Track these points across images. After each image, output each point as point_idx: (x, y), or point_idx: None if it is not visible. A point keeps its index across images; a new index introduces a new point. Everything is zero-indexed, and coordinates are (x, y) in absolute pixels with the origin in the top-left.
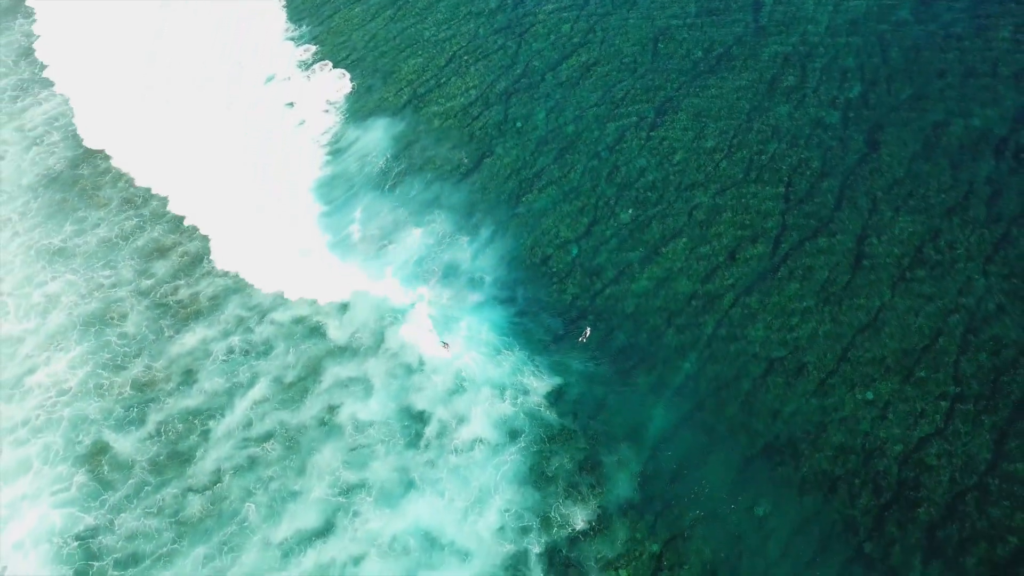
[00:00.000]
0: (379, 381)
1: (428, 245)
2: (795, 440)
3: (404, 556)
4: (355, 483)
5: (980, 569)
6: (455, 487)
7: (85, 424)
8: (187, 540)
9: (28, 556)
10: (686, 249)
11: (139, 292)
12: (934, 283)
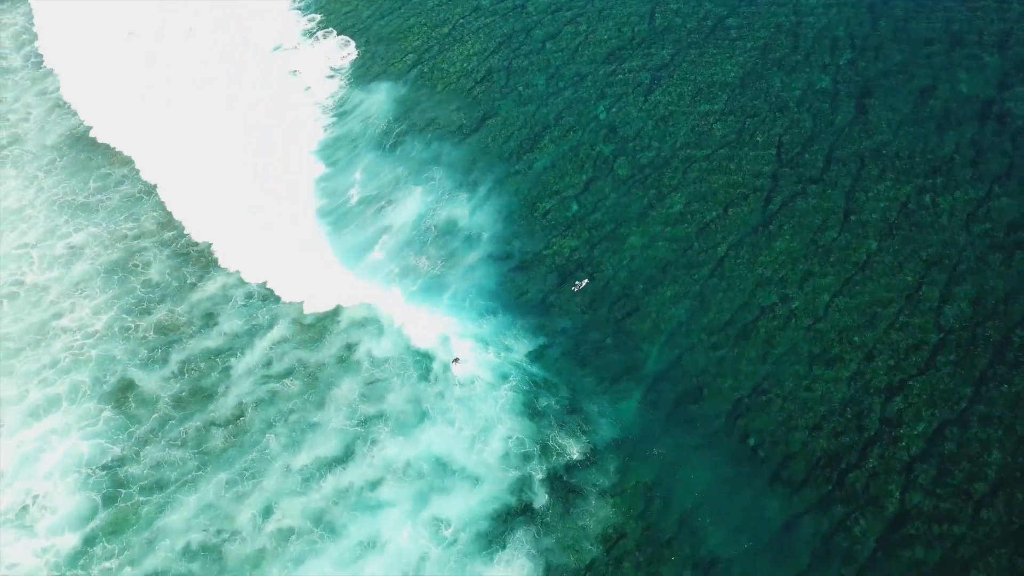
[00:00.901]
0: (390, 325)
1: (427, 202)
2: (783, 380)
3: (419, 480)
4: (372, 414)
5: (958, 500)
6: (463, 417)
7: (111, 364)
8: (210, 468)
9: (58, 485)
10: (681, 204)
11: (161, 243)
12: (919, 237)
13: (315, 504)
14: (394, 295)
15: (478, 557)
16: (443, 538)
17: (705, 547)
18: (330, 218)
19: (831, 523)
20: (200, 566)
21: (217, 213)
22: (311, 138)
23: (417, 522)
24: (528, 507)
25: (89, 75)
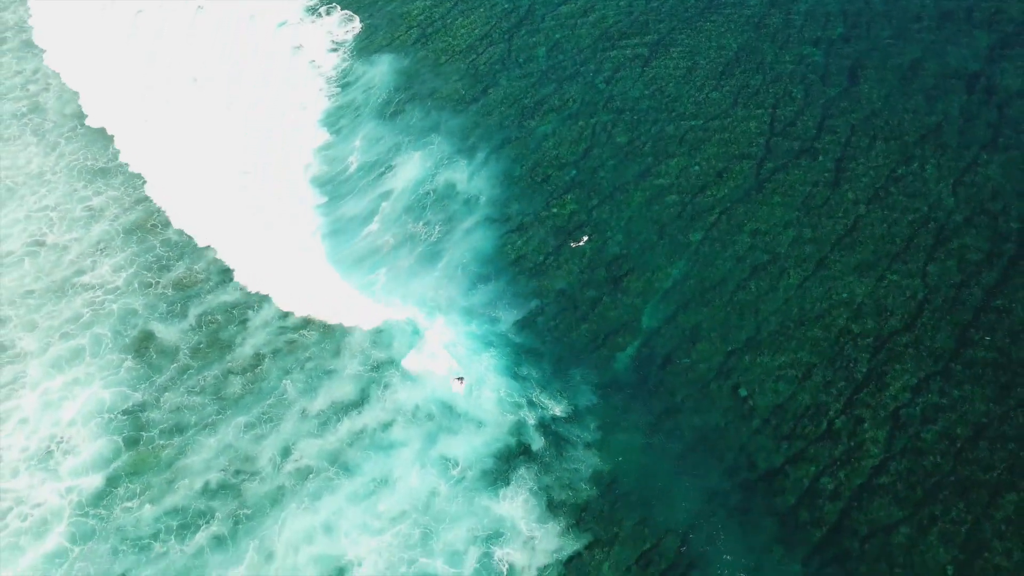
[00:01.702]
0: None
1: (427, 167)
2: (774, 334)
3: (428, 422)
4: (383, 359)
5: (941, 443)
6: (462, 369)
7: (132, 317)
8: (229, 412)
9: (80, 430)
10: (677, 169)
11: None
12: (907, 200)
13: (331, 445)
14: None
15: (484, 493)
16: (451, 476)
17: (701, 483)
18: (328, 187)
19: (818, 466)
20: (220, 503)
21: (219, 183)
22: (315, 108)
23: (427, 461)
24: (527, 449)
25: (93, 53)
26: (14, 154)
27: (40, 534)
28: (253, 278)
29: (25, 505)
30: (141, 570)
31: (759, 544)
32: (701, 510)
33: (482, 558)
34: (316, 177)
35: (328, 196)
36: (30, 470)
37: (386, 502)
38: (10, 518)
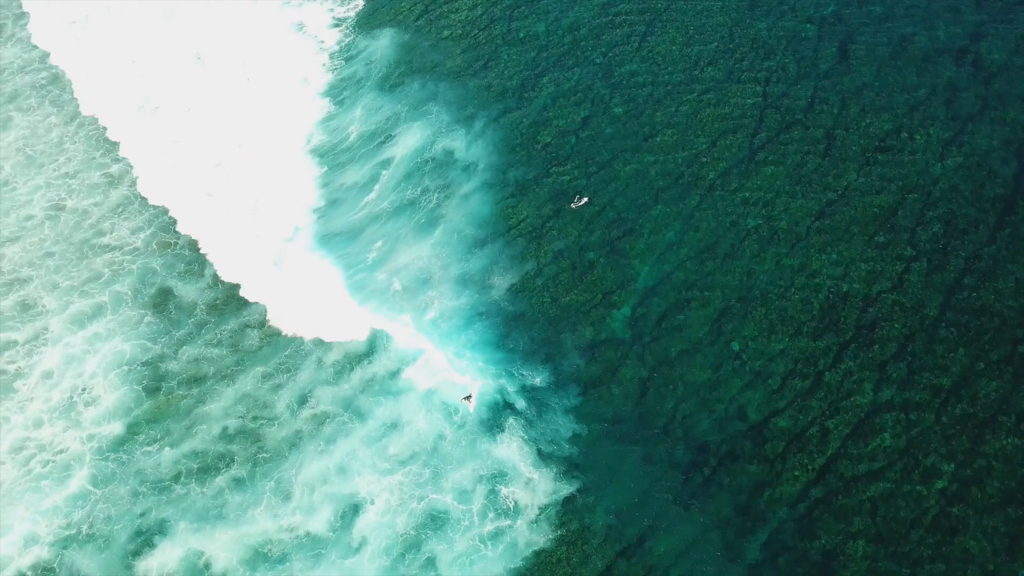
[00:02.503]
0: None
1: (425, 136)
2: (766, 292)
3: (432, 375)
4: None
5: (924, 395)
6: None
7: (151, 276)
8: (246, 363)
9: (102, 381)
10: (673, 138)
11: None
12: (896, 167)
13: (345, 392)
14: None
15: (484, 437)
16: (454, 421)
17: (696, 431)
18: (328, 156)
19: (807, 416)
20: (239, 447)
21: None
22: (317, 82)
23: (431, 407)
24: (512, 406)
25: (101, 35)
26: (34, 124)
27: (62, 479)
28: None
29: (48, 452)
30: (162, 510)
31: (748, 487)
32: (693, 460)
33: (488, 495)
34: (317, 147)
35: (328, 166)
36: (52, 420)
37: (396, 445)
38: (33, 463)
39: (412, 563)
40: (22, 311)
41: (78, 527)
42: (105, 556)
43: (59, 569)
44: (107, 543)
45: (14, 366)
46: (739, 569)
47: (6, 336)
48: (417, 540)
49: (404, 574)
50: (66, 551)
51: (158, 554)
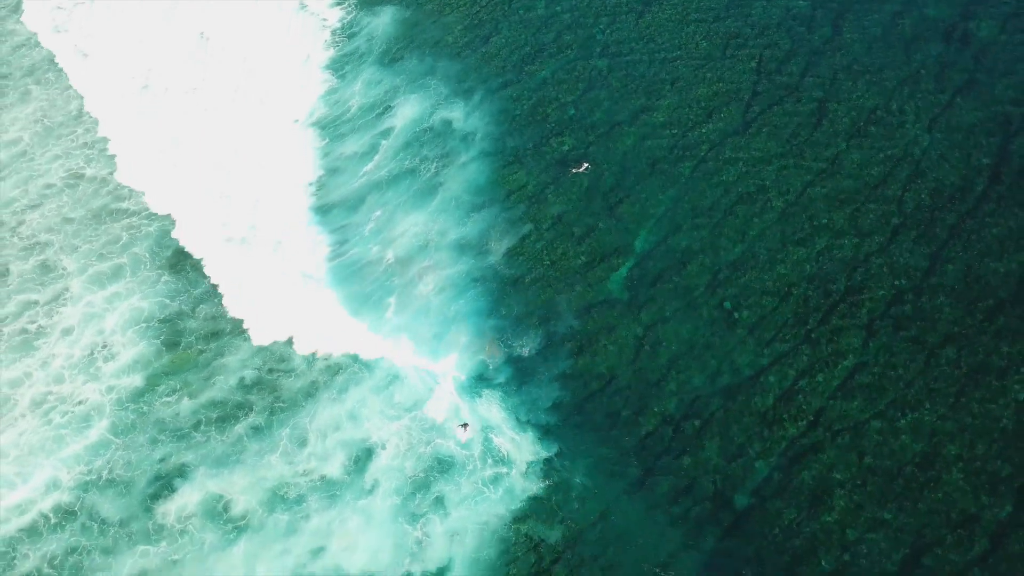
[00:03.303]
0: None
1: (424, 108)
2: (758, 255)
3: (423, 342)
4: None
5: (911, 347)
6: (438, 308)
7: (167, 239)
8: None
9: (121, 337)
10: (669, 109)
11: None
12: (885, 138)
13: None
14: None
15: (469, 395)
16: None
17: (689, 386)
18: (329, 128)
19: (797, 371)
20: (257, 397)
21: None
22: (318, 58)
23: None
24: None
25: (108, 15)
26: (52, 97)
27: (82, 428)
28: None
29: (68, 404)
30: (181, 456)
31: (739, 439)
32: (685, 412)
33: (485, 443)
34: (319, 120)
35: (329, 137)
36: (73, 375)
37: (400, 394)
38: (53, 415)
39: (422, 503)
40: (43, 273)
41: (99, 473)
42: (125, 500)
43: (80, 512)
44: (127, 488)
45: (35, 325)
46: (728, 514)
47: (27, 297)
48: (426, 481)
49: (415, 512)
50: (87, 495)
51: (177, 498)
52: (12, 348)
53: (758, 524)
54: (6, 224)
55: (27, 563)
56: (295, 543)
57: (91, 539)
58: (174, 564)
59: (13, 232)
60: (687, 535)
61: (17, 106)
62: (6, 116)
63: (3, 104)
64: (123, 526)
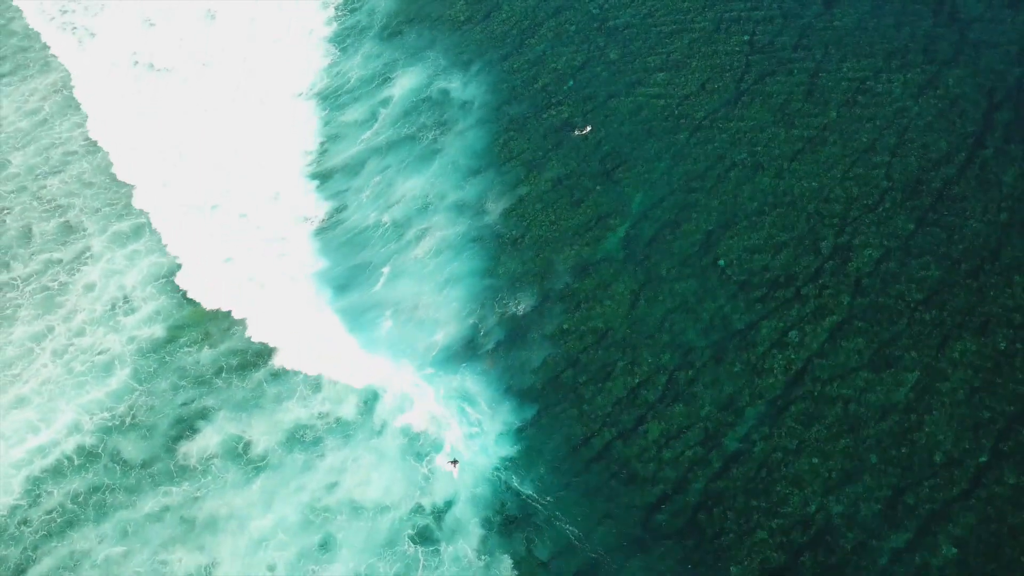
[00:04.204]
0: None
1: (423, 79)
2: (750, 216)
3: (413, 310)
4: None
5: (896, 305)
6: (434, 269)
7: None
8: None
9: (141, 292)
10: (664, 81)
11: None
12: (874, 108)
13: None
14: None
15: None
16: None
17: (682, 339)
18: (329, 99)
19: (787, 323)
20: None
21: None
22: (322, 32)
23: (407, 328)
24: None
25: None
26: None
27: (103, 377)
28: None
29: (89, 354)
30: (202, 400)
31: (730, 388)
32: (679, 363)
33: (460, 413)
34: (320, 91)
35: (330, 107)
36: (94, 328)
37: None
38: (74, 364)
39: (425, 443)
40: (65, 233)
41: (121, 418)
42: (148, 442)
43: (103, 454)
44: (150, 431)
45: (57, 282)
46: (719, 457)
47: (49, 255)
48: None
49: (420, 451)
50: (109, 438)
51: (199, 439)
52: (35, 305)
53: (746, 467)
54: (28, 189)
55: (51, 500)
56: (311, 479)
57: (114, 479)
58: (195, 501)
59: (34, 196)
60: (678, 478)
61: (37, 76)
62: (27, 86)
63: (26, 75)
64: (145, 467)
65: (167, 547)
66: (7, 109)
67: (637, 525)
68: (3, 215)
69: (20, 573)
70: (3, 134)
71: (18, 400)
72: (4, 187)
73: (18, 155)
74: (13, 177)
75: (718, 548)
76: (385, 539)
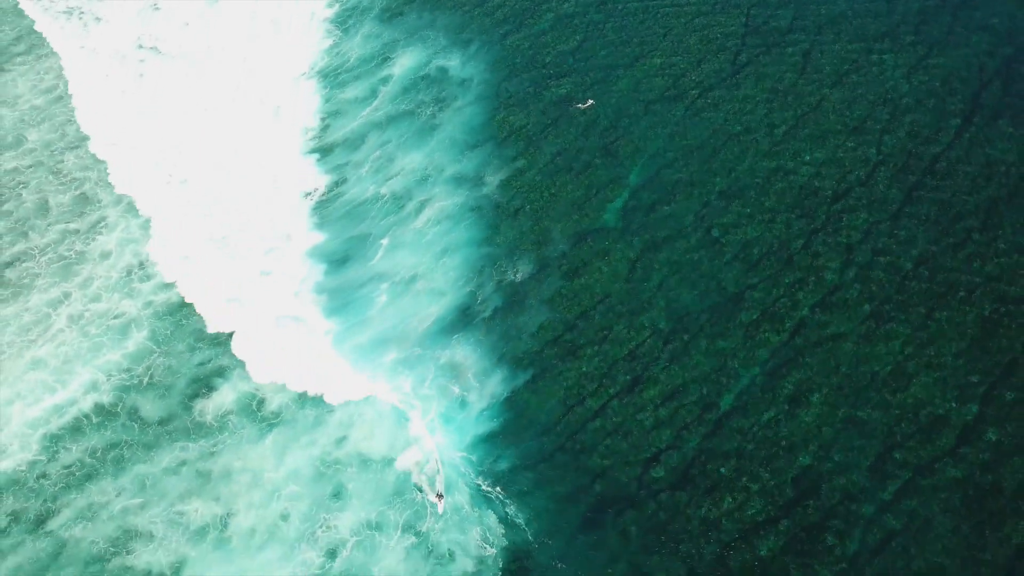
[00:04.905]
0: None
1: (423, 57)
2: (744, 188)
3: (410, 282)
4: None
5: (887, 269)
6: (433, 239)
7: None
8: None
9: (158, 259)
10: (661, 59)
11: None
12: (866, 85)
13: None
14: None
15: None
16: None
17: (678, 303)
18: (330, 78)
19: (779, 289)
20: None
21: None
22: (323, 14)
23: (403, 300)
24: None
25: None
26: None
27: (120, 340)
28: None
29: (106, 318)
30: (219, 360)
31: (724, 350)
32: (675, 326)
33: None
34: (322, 70)
35: (331, 85)
36: (110, 293)
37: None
38: (90, 328)
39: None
40: (81, 204)
41: (139, 377)
42: (165, 401)
43: (121, 413)
44: (167, 390)
45: (73, 251)
46: (713, 415)
47: (65, 226)
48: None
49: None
50: (127, 396)
51: (215, 397)
52: (52, 273)
53: (740, 424)
54: (44, 164)
55: (70, 455)
56: (321, 434)
57: (132, 435)
58: (211, 455)
59: (50, 170)
60: (673, 434)
61: (51, 56)
62: (42, 65)
63: (40, 54)
64: (163, 424)
65: (184, 499)
66: (23, 87)
67: (632, 481)
68: (20, 189)
69: (40, 523)
70: (19, 111)
71: (34, 362)
72: (21, 162)
73: (34, 131)
74: (30, 152)
75: (711, 501)
76: (393, 489)
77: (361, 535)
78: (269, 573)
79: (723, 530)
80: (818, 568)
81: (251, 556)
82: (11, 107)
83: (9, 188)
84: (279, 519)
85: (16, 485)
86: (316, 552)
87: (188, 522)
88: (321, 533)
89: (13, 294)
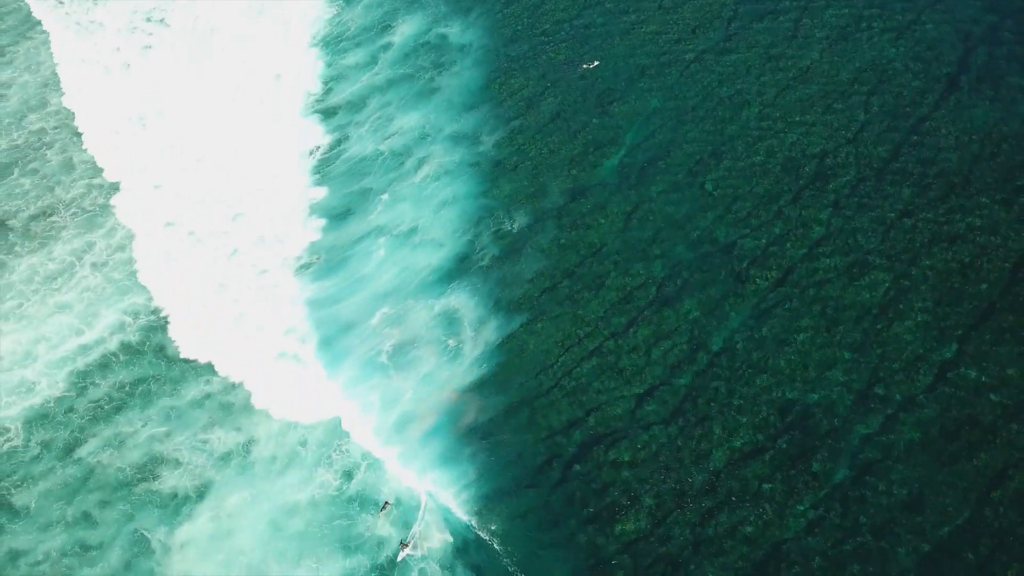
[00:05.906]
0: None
1: (423, 25)
2: (735, 146)
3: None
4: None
5: (872, 225)
6: (431, 193)
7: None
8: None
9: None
10: (656, 26)
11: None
12: (854, 52)
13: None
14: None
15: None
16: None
17: (672, 253)
18: (332, 46)
19: (769, 239)
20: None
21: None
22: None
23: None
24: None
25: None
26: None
27: (142, 286)
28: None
29: (130, 265)
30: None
31: (715, 295)
32: (669, 273)
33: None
34: (323, 39)
35: (332, 52)
36: (134, 244)
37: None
38: (114, 274)
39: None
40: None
41: (164, 319)
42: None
43: (147, 351)
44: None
45: (96, 205)
46: (705, 355)
47: (89, 181)
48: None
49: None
50: (153, 335)
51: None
52: (77, 225)
53: (729, 363)
54: (69, 126)
55: (98, 391)
56: None
57: (159, 371)
58: (234, 388)
59: (74, 132)
60: (664, 372)
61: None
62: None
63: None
64: (188, 360)
65: (207, 428)
66: (44, 55)
67: (625, 414)
68: (46, 149)
69: (69, 451)
70: (42, 77)
71: (59, 306)
72: (47, 123)
73: (56, 96)
74: (54, 114)
75: (701, 433)
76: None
77: (370, 460)
78: (290, 496)
79: (713, 459)
80: (804, 493)
81: (272, 480)
82: (34, 73)
83: (35, 148)
84: (298, 445)
85: (45, 419)
86: (332, 474)
87: (212, 449)
88: (336, 456)
89: (40, 244)
